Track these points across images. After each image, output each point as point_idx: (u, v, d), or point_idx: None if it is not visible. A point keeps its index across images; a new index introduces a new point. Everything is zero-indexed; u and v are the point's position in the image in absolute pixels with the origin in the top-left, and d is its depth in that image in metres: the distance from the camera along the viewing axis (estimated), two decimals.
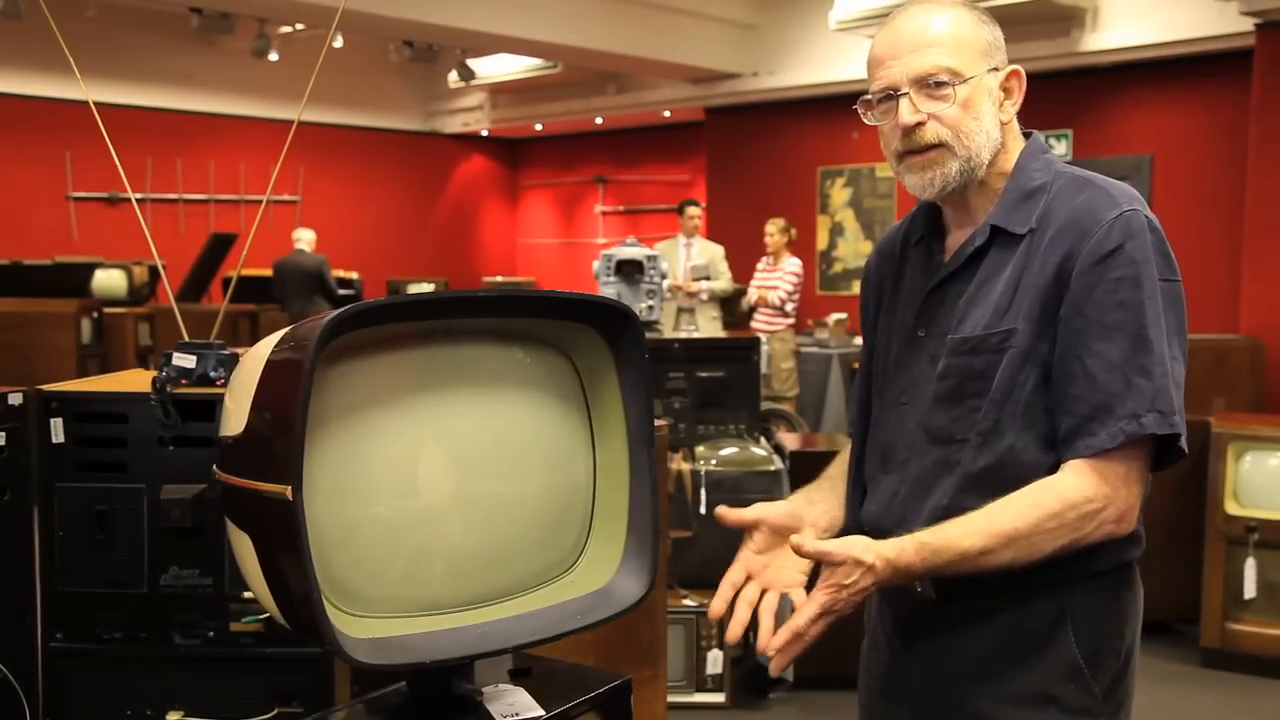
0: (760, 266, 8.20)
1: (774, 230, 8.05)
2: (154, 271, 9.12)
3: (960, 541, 1.45)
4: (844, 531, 1.70)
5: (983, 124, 1.56)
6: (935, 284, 1.64)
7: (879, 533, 1.62)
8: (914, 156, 1.58)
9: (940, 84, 1.54)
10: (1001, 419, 1.53)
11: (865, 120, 1.63)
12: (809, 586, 1.50)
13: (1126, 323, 1.47)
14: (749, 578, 1.59)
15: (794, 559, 1.55)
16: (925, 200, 1.65)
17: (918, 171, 1.58)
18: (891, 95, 1.57)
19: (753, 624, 1.52)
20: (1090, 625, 1.55)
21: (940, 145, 1.56)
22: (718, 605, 1.57)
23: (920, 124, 1.56)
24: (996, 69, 1.59)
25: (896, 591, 1.64)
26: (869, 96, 1.61)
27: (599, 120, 13.34)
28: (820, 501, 1.73)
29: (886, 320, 1.73)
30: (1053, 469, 1.51)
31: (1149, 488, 1.56)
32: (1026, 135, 1.66)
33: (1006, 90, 1.61)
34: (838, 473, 1.80)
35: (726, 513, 1.61)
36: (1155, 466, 1.53)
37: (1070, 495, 1.46)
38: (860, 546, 1.42)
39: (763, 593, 1.57)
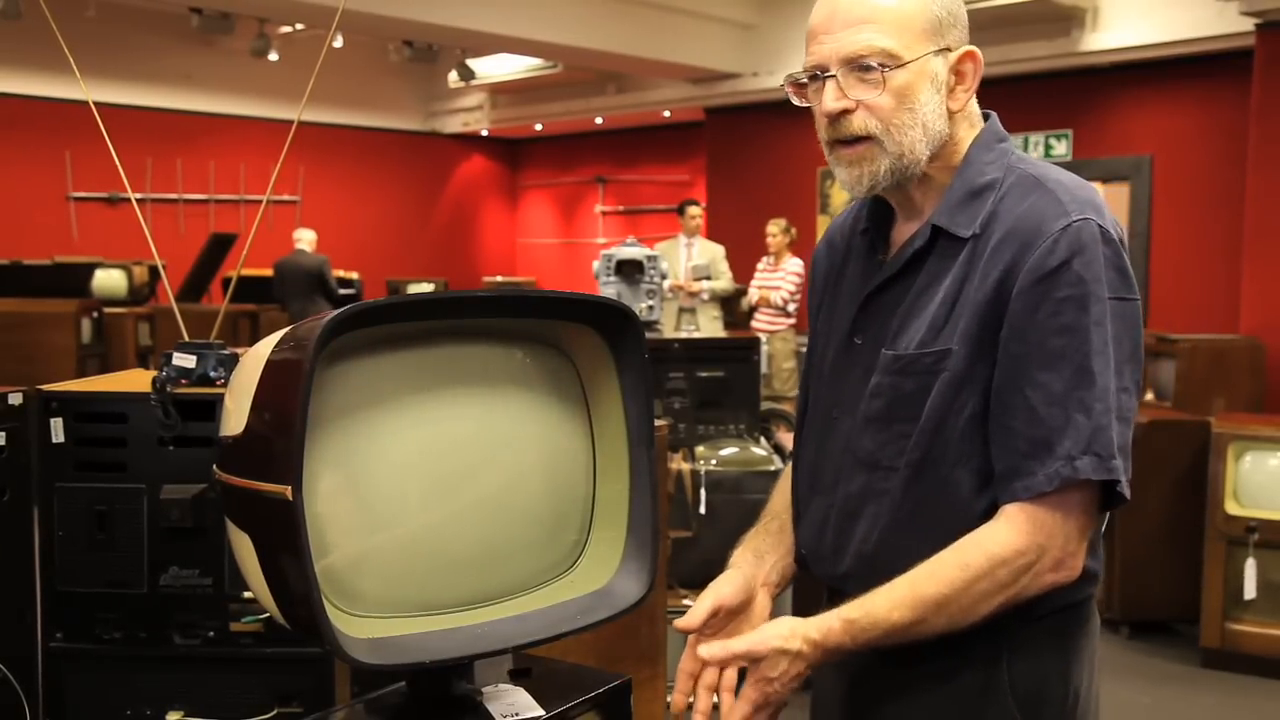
0: (761, 266, 8.20)
1: (775, 230, 8.05)
2: (154, 271, 9.13)
3: (889, 616, 1.33)
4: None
5: (919, 115, 1.38)
6: (873, 289, 1.48)
7: (817, 560, 1.55)
8: (842, 148, 1.42)
9: (870, 67, 1.37)
10: (933, 449, 1.39)
11: (795, 102, 1.46)
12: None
13: (1070, 350, 1.31)
14: (704, 665, 1.47)
15: (749, 629, 1.47)
16: (854, 196, 1.49)
17: (845, 165, 1.42)
18: (819, 75, 1.41)
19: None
20: (1030, 673, 1.42)
21: (869, 138, 1.39)
22: (678, 700, 1.48)
23: (847, 111, 1.39)
24: (948, 49, 1.40)
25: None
26: (799, 75, 1.44)
27: (599, 120, 13.34)
28: (769, 552, 1.59)
29: (826, 319, 1.58)
30: (989, 508, 1.37)
31: (1099, 527, 1.42)
32: (985, 115, 1.48)
33: (959, 74, 1.41)
34: (782, 505, 1.66)
35: (685, 624, 1.49)
36: (1101, 507, 1.38)
37: (1000, 551, 1.32)
38: (783, 635, 1.33)
39: (720, 674, 1.47)
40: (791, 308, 7.97)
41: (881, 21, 1.37)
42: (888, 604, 1.34)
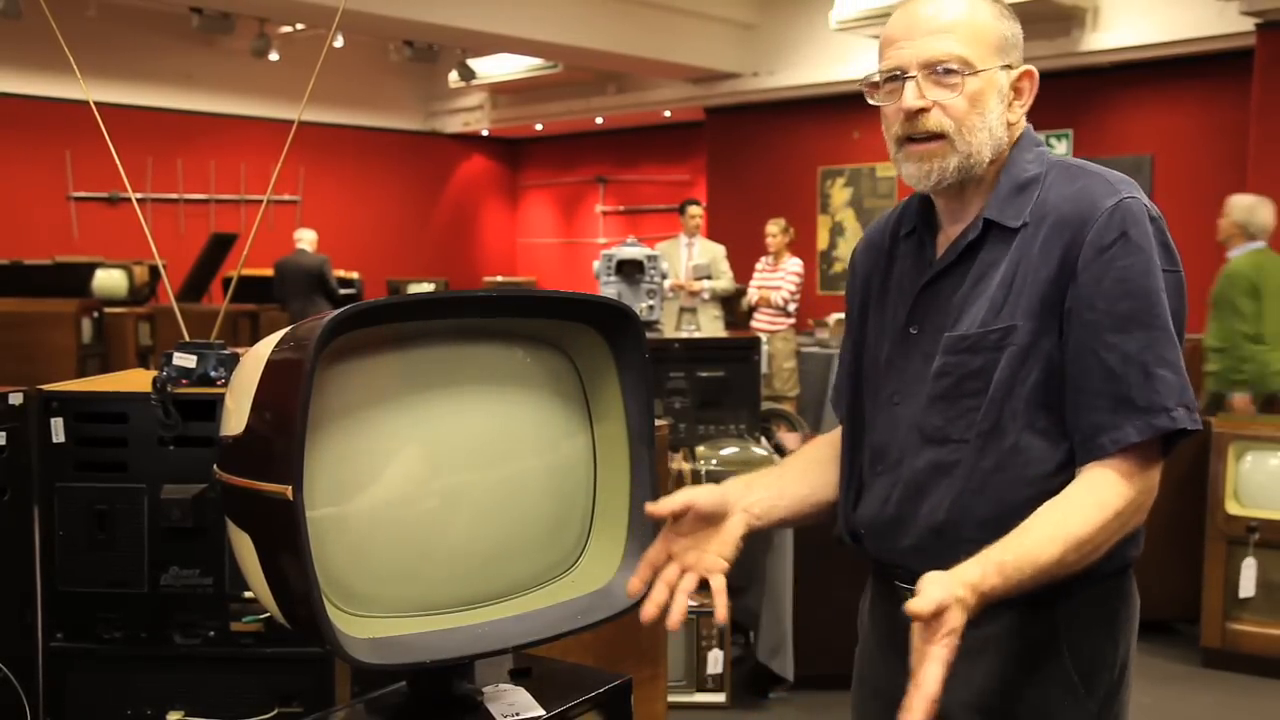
0: (760, 266, 8.19)
1: (775, 230, 8.05)
2: (154, 271, 9.13)
3: (1038, 555, 1.37)
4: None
5: (987, 120, 1.51)
6: (928, 280, 1.58)
7: (877, 536, 1.60)
8: (914, 145, 1.53)
9: (950, 71, 1.49)
10: (1002, 418, 1.48)
11: (870, 100, 1.57)
12: (733, 575, 1.47)
13: (1140, 312, 1.44)
14: (669, 558, 1.49)
15: (718, 545, 1.50)
16: (920, 191, 1.60)
17: (915, 161, 1.53)
18: (898, 76, 1.52)
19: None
20: (1085, 639, 1.51)
21: (942, 136, 1.51)
22: (635, 584, 1.47)
23: (924, 110, 1.50)
24: (1010, 66, 1.54)
25: (888, 600, 1.61)
26: (875, 75, 1.56)
27: (599, 120, 13.35)
28: (760, 489, 1.62)
29: (876, 316, 1.67)
30: (1060, 469, 1.47)
31: None
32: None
33: (1017, 90, 1.55)
34: (795, 463, 1.75)
35: (653, 507, 1.49)
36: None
37: (1128, 492, 1.42)
38: (946, 586, 1.28)
39: (682, 573, 1.48)
40: (792, 308, 7.96)
41: (960, 32, 1.50)
42: (1034, 542, 1.38)
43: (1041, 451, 1.48)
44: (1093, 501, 1.41)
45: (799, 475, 1.71)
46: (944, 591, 1.27)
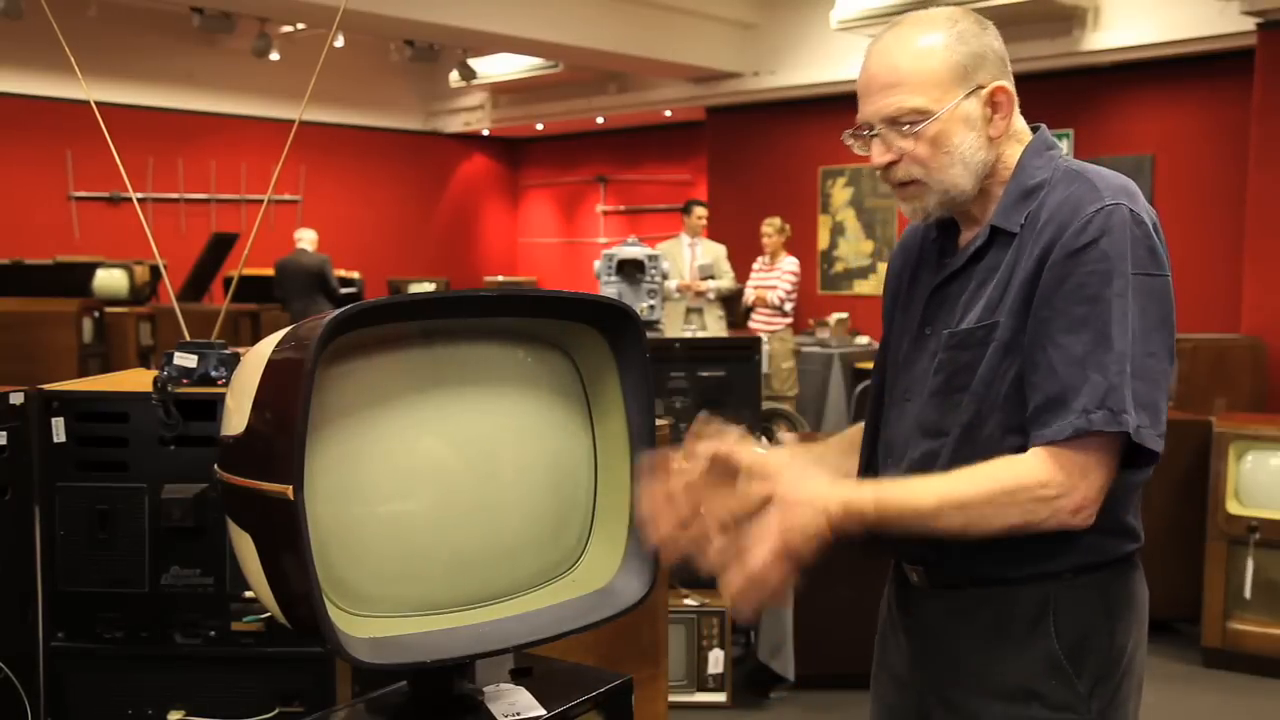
0: (756, 266, 8.19)
1: (770, 230, 8.04)
2: (155, 271, 9.13)
3: (913, 498, 1.46)
4: None
5: (955, 156, 1.55)
6: (938, 284, 1.65)
7: None
8: (897, 188, 1.61)
9: (906, 123, 1.54)
10: (982, 411, 1.54)
11: (854, 151, 1.65)
12: None
13: (1092, 318, 1.46)
14: (684, 489, 1.46)
15: (731, 500, 1.46)
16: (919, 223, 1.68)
17: (902, 201, 1.62)
18: (864, 134, 1.60)
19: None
20: (1074, 620, 1.55)
21: (915, 181, 1.57)
22: (645, 506, 1.45)
23: (893, 163, 1.57)
24: (979, 87, 1.55)
25: (896, 581, 1.72)
26: (849, 134, 1.64)
27: (600, 120, 13.34)
28: (801, 460, 1.62)
29: (901, 316, 1.74)
30: None
31: (1138, 484, 1.56)
32: (1035, 129, 1.65)
33: (995, 105, 1.57)
34: (838, 443, 1.84)
35: (699, 446, 1.48)
36: (1129, 464, 1.49)
37: (1026, 477, 1.45)
38: (814, 488, 1.43)
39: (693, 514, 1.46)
40: (788, 307, 7.95)
41: (909, 84, 1.54)
42: (919, 489, 1.48)
43: (1015, 443, 1.51)
44: (987, 473, 1.47)
45: (839, 455, 1.78)
46: (794, 485, 1.41)
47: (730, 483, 1.48)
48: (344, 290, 9.90)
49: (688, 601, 3.94)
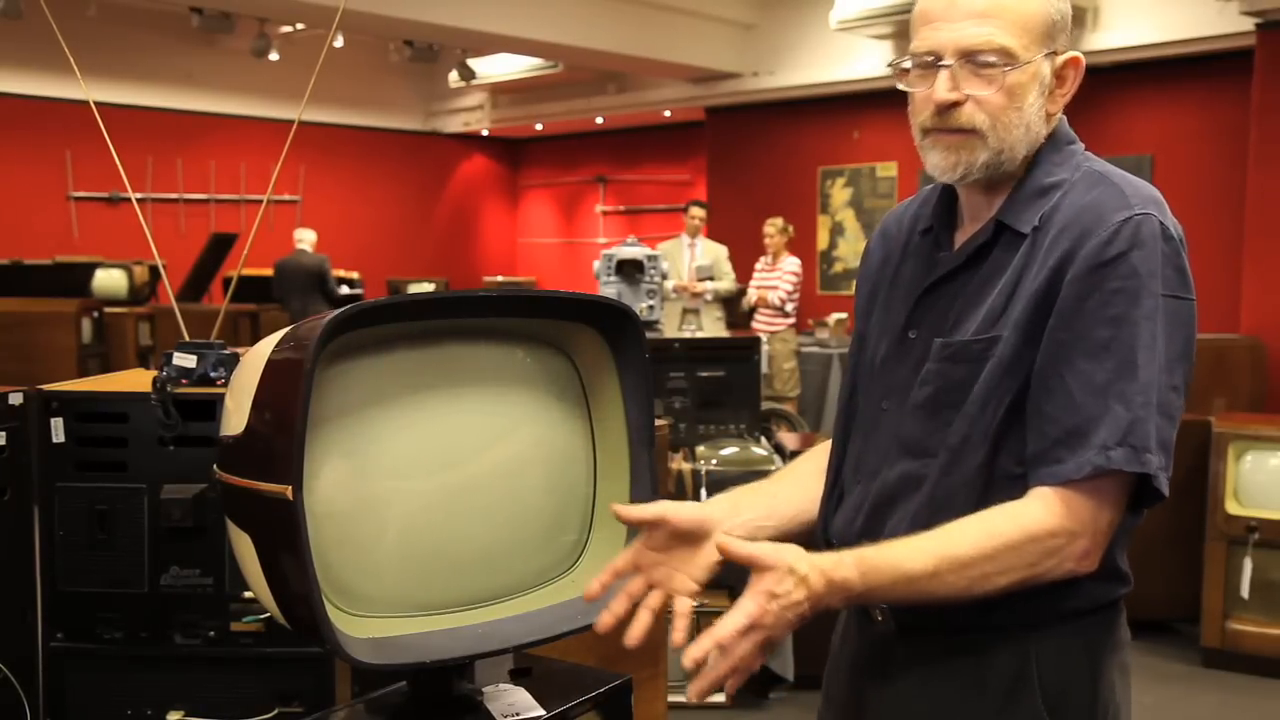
0: (759, 266, 8.19)
1: (772, 230, 8.04)
2: (154, 271, 9.12)
3: (904, 562, 1.29)
4: (812, 545, 1.46)
5: (1025, 116, 1.37)
6: (931, 283, 1.47)
7: (843, 547, 1.46)
8: (942, 133, 1.39)
9: (989, 64, 1.35)
10: (973, 435, 1.36)
11: (898, 86, 1.43)
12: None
13: (1116, 342, 1.30)
14: (637, 569, 1.39)
15: (690, 566, 1.39)
16: (943, 183, 1.47)
17: (942, 150, 1.40)
18: (931, 62, 1.38)
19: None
20: (1056, 674, 1.38)
21: (973, 130, 1.37)
22: (594, 588, 1.37)
23: (957, 103, 1.37)
24: (1056, 53, 1.39)
25: (859, 620, 1.53)
26: (905, 60, 1.41)
27: (599, 120, 13.34)
28: (748, 510, 1.51)
29: (880, 315, 1.54)
30: (1020, 495, 1.35)
31: (1131, 527, 1.40)
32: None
33: (1060, 79, 1.40)
34: (787, 476, 1.65)
35: (623, 511, 1.38)
36: (1132, 505, 1.35)
37: (1032, 527, 1.29)
38: (795, 555, 1.26)
39: (648, 589, 1.39)
40: (790, 307, 7.96)
41: (1005, 18, 1.35)
42: (906, 551, 1.30)
43: (1005, 476, 1.37)
44: (986, 527, 1.30)
45: (789, 492, 1.60)
46: (778, 553, 1.25)
47: (688, 547, 1.40)
48: (343, 290, 9.91)
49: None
